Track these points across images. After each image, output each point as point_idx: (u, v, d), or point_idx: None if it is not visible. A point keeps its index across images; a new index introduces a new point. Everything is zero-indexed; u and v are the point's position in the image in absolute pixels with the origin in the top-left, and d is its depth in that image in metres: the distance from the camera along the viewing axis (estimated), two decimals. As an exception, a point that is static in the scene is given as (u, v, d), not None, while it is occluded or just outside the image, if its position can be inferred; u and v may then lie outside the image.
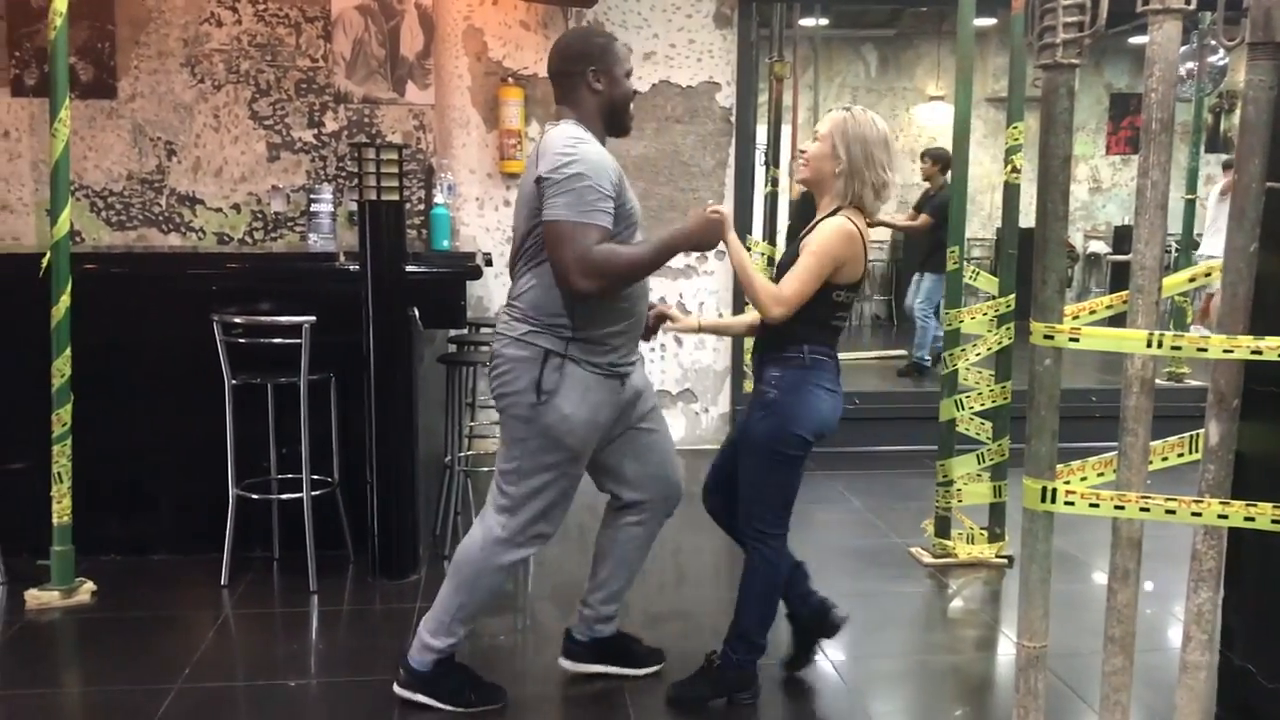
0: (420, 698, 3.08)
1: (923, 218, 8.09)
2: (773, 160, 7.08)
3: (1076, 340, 2.09)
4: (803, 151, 3.08)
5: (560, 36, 3.13)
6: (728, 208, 3.05)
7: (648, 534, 3.25)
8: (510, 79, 6.11)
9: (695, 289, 6.40)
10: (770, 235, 6.99)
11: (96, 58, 5.92)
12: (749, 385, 6.35)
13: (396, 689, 3.11)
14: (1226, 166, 9.12)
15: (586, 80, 2.93)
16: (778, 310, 2.87)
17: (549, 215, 2.73)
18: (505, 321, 2.94)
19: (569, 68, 2.94)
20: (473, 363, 4.70)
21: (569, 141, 2.79)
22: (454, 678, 3.11)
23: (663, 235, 2.90)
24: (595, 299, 2.80)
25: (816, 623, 3.35)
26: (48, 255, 3.81)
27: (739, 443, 3.12)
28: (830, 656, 3.46)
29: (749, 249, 6.23)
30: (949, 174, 5.90)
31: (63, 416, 3.83)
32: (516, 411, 2.90)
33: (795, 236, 3.08)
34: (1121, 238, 11.70)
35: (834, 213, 2.96)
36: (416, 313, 4.11)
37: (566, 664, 3.33)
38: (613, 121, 3.00)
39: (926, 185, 8.45)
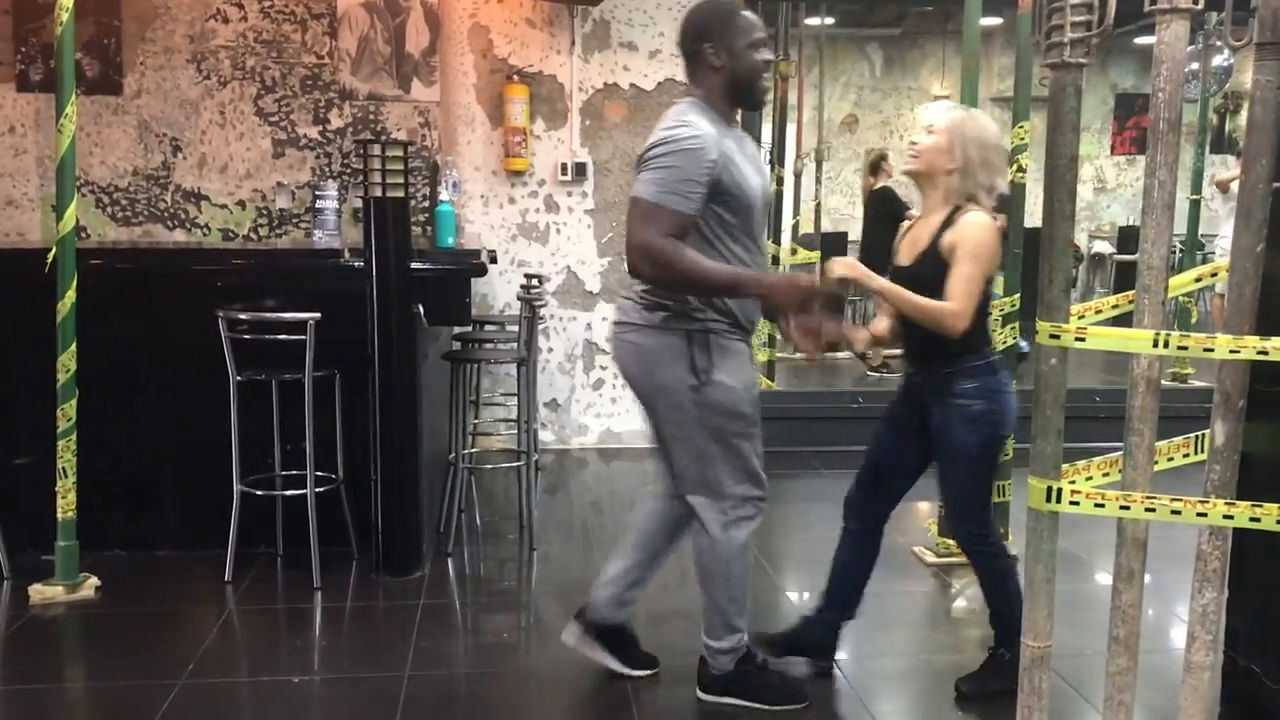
0: (730, 700, 3.09)
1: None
2: (777, 159, 7.08)
3: (1083, 340, 2.08)
4: (914, 143, 3.08)
5: (687, 11, 3.05)
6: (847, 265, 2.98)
7: (684, 524, 3.17)
8: (515, 76, 6.11)
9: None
10: (775, 234, 6.99)
11: (102, 54, 5.92)
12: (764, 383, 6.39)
13: (701, 695, 3.12)
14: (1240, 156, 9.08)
15: (705, 57, 2.89)
16: (963, 324, 2.91)
17: (634, 191, 2.76)
18: (635, 310, 2.92)
19: (689, 46, 2.92)
20: (477, 360, 4.70)
21: (671, 123, 2.80)
22: (758, 676, 3.13)
23: (742, 271, 2.85)
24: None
25: (820, 640, 3.36)
26: (53, 251, 3.81)
27: (939, 454, 3.14)
28: (834, 655, 3.46)
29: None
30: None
31: (68, 412, 3.84)
32: (676, 400, 2.88)
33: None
34: (1126, 238, 11.67)
35: (955, 210, 2.99)
36: (421, 310, 4.12)
37: (568, 639, 3.29)
38: (739, 96, 2.93)
39: None
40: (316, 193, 5.70)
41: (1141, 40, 11.34)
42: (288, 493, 4.17)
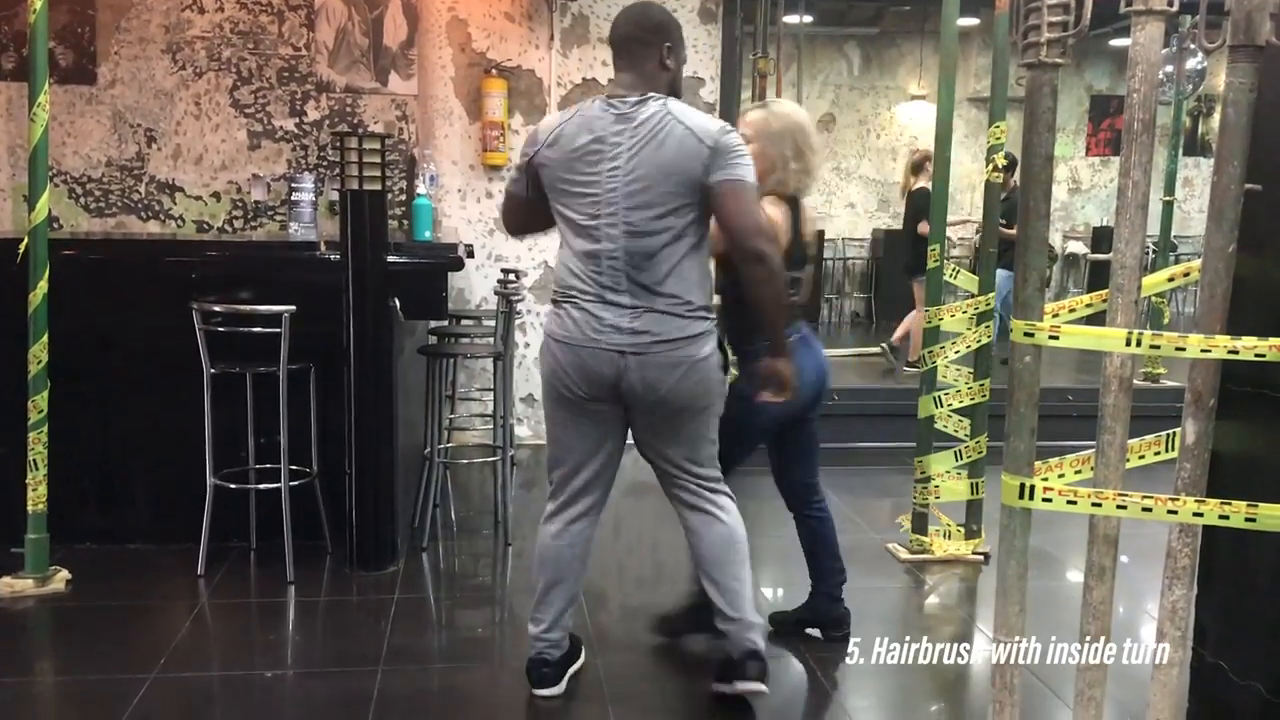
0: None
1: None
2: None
3: (1056, 338, 2.10)
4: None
5: (643, 2, 3.04)
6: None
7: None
8: (494, 70, 6.10)
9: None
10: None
11: (76, 43, 5.87)
12: (732, 379, 6.40)
13: (751, 686, 3.02)
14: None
15: (661, 55, 2.89)
16: None
17: (737, 174, 2.76)
18: (675, 322, 2.81)
19: (647, 36, 2.89)
20: (453, 355, 4.69)
21: (707, 116, 2.88)
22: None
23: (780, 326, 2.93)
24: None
25: (824, 613, 3.60)
26: (25, 241, 3.78)
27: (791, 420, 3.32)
28: (807, 651, 3.48)
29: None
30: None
31: (39, 403, 3.80)
32: (717, 407, 2.98)
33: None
34: (1100, 238, 11.76)
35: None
36: (397, 303, 4.10)
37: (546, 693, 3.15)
38: None
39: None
40: (292, 185, 5.65)
41: (1117, 42, 11.42)
42: (261, 486, 4.15)
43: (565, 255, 2.93)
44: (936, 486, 4.39)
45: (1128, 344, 2.06)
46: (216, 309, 3.90)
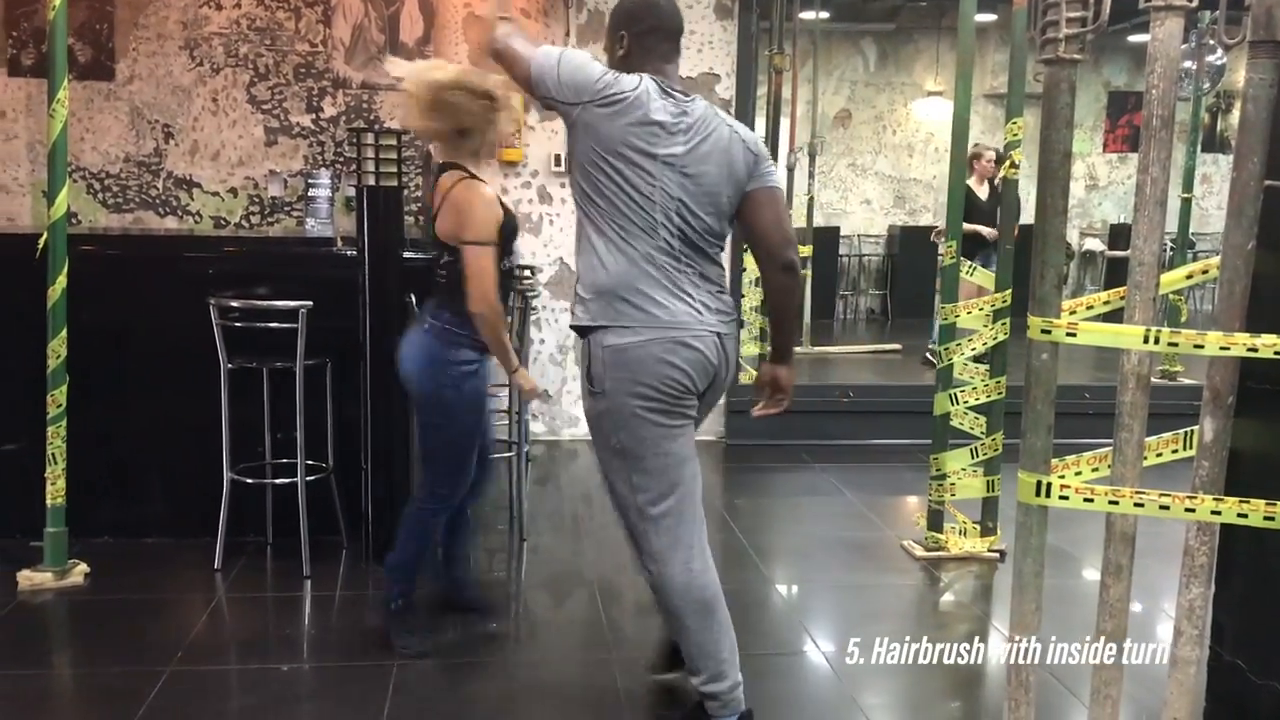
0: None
1: None
2: (771, 152, 7.07)
3: (1074, 335, 2.09)
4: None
5: None
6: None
7: None
8: (510, 67, 6.09)
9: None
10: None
11: (95, 39, 5.90)
12: (746, 376, 6.38)
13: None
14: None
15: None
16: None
17: (775, 181, 2.77)
18: (730, 305, 2.81)
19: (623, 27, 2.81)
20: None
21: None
22: None
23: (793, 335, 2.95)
24: None
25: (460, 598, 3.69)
26: (44, 236, 3.80)
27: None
28: (821, 648, 3.48)
29: (745, 242, 6.22)
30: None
31: (58, 398, 3.83)
32: None
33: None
34: (1118, 235, 11.71)
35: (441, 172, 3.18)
36: (413, 299, 4.11)
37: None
38: None
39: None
40: (309, 181, 5.69)
41: (1135, 38, 11.37)
42: (278, 481, 4.17)
43: (614, 259, 2.68)
44: (952, 484, 4.38)
45: (1146, 341, 2.06)
46: (234, 304, 3.91)
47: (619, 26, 2.79)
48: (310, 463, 4.07)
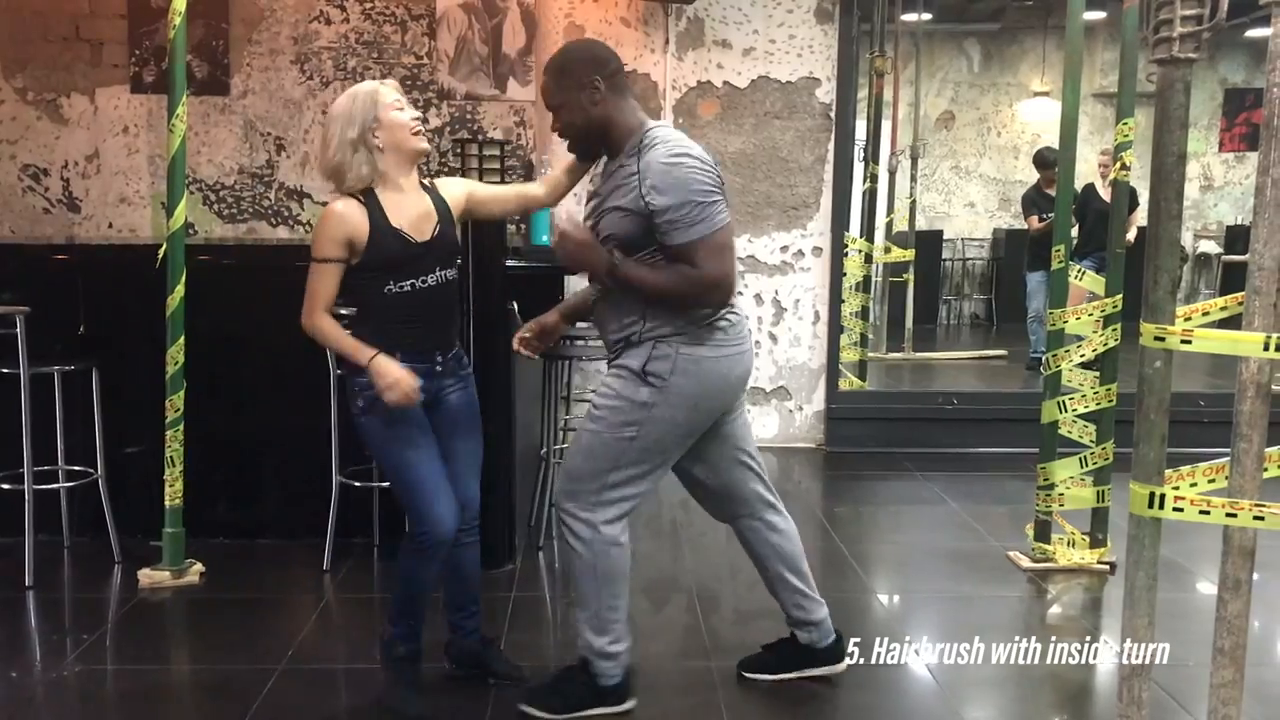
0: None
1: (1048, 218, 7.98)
2: (872, 156, 7.01)
3: (1189, 342, 2.03)
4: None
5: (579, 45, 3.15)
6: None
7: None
8: (610, 75, 6.13)
9: (791, 285, 6.33)
10: (869, 232, 6.92)
11: (211, 55, 6.11)
12: (846, 383, 6.31)
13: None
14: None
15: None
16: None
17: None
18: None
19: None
20: (569, 357, 4.73)
21: None
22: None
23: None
24: None
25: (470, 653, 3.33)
26: (163, 247, 3.95)
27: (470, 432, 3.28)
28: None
29: (845, 247, 6.17)
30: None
31: (175, 403, 3.96)
32: None
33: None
34: (1234, 238, 11.32)
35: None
36: (515, 307, 4.17)
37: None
38: None
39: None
40: (414, 191, 5.79)
41: (1254, 33, 10.97)
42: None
43: None
44: (1060, 494, 4.27)
45: (1265, 349, 1.99)
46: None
47: (590, 72, 2.93)
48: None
